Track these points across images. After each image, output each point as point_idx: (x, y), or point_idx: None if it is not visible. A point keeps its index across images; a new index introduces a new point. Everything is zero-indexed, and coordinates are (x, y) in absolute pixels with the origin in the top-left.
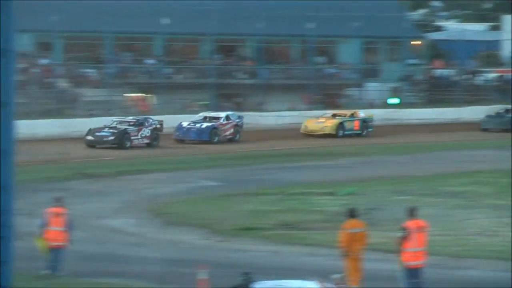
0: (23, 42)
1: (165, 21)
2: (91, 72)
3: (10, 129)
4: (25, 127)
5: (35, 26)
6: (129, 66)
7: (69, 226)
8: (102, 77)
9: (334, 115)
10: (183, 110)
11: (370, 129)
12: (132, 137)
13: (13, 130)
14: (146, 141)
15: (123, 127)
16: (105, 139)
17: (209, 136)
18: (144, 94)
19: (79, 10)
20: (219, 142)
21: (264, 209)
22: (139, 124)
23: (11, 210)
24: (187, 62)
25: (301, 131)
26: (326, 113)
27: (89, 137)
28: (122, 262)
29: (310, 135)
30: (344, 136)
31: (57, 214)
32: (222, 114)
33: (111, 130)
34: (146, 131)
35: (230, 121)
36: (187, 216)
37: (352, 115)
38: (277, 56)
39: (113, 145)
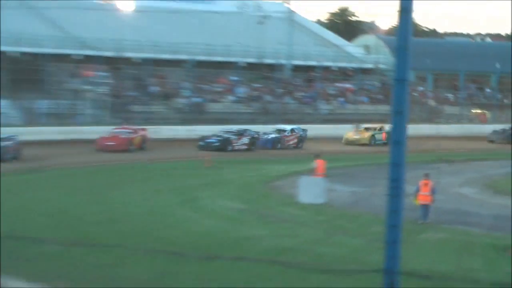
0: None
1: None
2: (450, 95)
3: (403, 131)
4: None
5: (416, 65)
6: (473, 93)
7: (433, 192)
8: (457, 99)
9: (366, 129)
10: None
11: None
12: (234, 143)
13: (405, 130)
14: (244, 147)
15: (226, 136)
16: (212, 144)
17: (272, 144)
18: (483, 111)
19: (443, 54)
20: (282, 148)
21: None
22: (240, 134)
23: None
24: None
25: (342, 141)
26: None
27: (200, 143)
28: (466, 215)
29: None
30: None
31: (425, 184)
32: (288, 128)
33: (217, 138)
34: (245, 140)
35: (295, 133)
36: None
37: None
38: None
39: (218, 149)
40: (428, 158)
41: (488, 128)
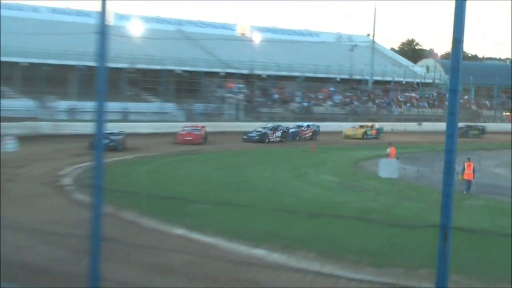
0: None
1: None
2: (487, 102)
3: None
4: None
5: (462, 80)
6: (504, 101)
7: (474, 171)
8: (492, 105)
9: (361, 126)
10: None
11: (381, 134)
12: (270, 137)
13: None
14: (278, 139)
15: (264, 131)
16: (252, 137)
17: (292, 137)
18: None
19: (482, 73)
20: (300, 140)
21: None
22: (274, 129)
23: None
24: None
25: (342, 136)
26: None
27: (244, 136)
28: (498, 188)
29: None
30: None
31: (469, 165)
32: (305, 124)
33: (257, 132)
34: (278, 133)
35: (310, 128)
36: None
37: (371, 126)
38: None
39: (258, 141)
40: (471, 147)
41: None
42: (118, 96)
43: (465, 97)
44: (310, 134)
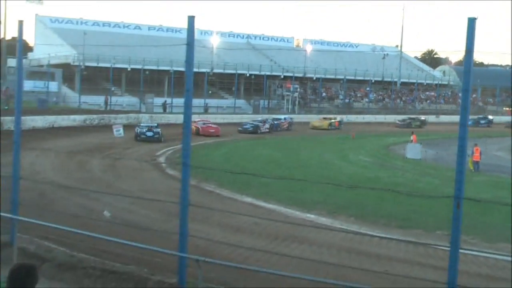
0: None
1: None
2: (491, 99)
3: (467, 118)
4: None
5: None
6: (504, 99)
7: (481, 154)
8: (495, 101)
9: (325, 118)
10: None
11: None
12: (261, 128)
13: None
14: (267, 130)
15: (256, 123)
16: (247, 129)
17: (275, 128)
18: (510, 108)
19: (487, 76)
20: (280, 130)
21: None
22: (263, 122)
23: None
24: None
25: (310, 126)
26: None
27: (239, 128)
28: (500, 167)
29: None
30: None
31: (476, 149)
32: (282, 117)
33: (251, 124)
34: (266, 125)
35: (286, 120)
36: None
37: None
38: None
39: (251, 132)
40: (478, 135)
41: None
42: (201, 94)
43: (473, 95)
44: (287, 125)
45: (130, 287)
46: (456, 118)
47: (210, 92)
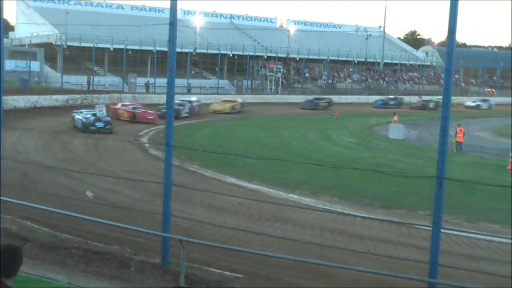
0: None
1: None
2: (473, 80)
3: (449, 99)
4: None
5: (454, 63)
6: (487, 80)
7: (464, 134)
8: (477, 82)
9: (226, 101)
10: None
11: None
12: (181, 113)
13: (450, 99)
14: (187, 115)
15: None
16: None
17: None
18: (492, 89)
19: (469, 57)
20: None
21: None
22: (182, 105)
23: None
24: None
25: (210, 110)
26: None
27: (158, 112)
28: (481, 148)
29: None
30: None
31: (460, 130)
32: (194, 98)
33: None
34: (186, 109)
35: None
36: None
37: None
38: None
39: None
40: (461, 115)
41: (495, 100)
42: (184, 74)
43: (456, 76)
44: (198, 109)
45: (113, 267)
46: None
47: (193, 72)
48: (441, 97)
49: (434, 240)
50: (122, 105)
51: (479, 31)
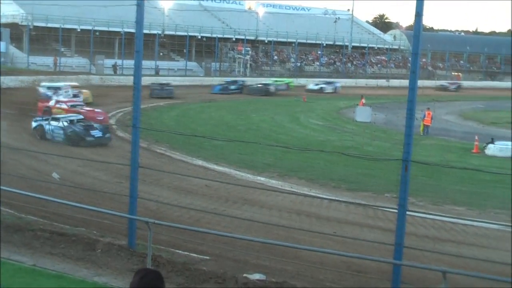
0: None
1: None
2: (440, 64)
3: (416, 82)
4: None
5: (421, 47)
6: (454, 63)
7: (432, 118)
8: (444, 66)
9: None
10: None
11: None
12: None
13: (417, 82)
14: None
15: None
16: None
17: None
18: (459, 73)
19: (437, 41)
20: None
21: None
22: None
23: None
24: None
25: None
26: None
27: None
28: (448, 131)
29: None
30: None
31: (429, 113)
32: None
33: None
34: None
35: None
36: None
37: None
38: None
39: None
40: (428, 99)
41: (462, 84)
42: (152, 56)
43: (423, 60)
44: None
45: (79, 249)
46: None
47: (161, 54)
48: (282, 80)
49: (399, 222)
50: (58, 102)
51: (447, 15)
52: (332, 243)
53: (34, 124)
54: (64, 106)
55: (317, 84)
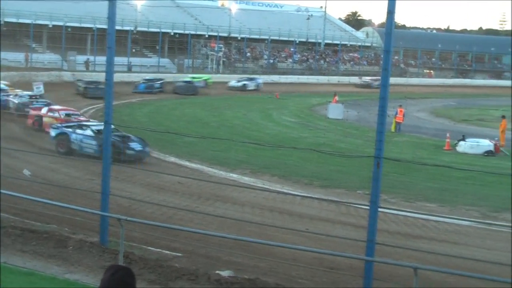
0: None
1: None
2: (412, 62)
3: (388, 78)
4: None
5: (394, 44)
6: (426, 61)
7: (404, 115)
8: (417, 64)
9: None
10: None
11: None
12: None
13: (389, 78)
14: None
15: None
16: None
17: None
18: (430, 71)
19: (409, 39)
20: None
21: None
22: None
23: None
24: None
25: None
26: None
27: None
28: (420, 128)
29: None
30: None
31: (401, 110)
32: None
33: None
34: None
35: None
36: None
37: None
38: None
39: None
40: (400, 96)
41: (433, 81)
42: (124, 52)
43: (396, 57)
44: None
45: (51, 246)
46: (378, 79)
47: (133, 50)
48: (200, 76)
49: (371, 219)
50: (50, 110)
51: (419, 13)
52: (305, 240)
53: (53, 132)
54: (57, 115)
55: (239, 81)
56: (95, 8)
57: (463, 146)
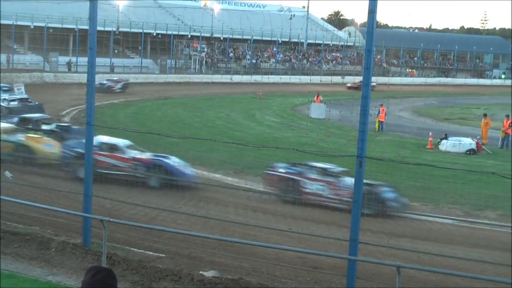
0: None
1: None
2: (395, 61)
3: (370, 78)
4: None
5: (376, 43)
6: (408, 60)
7: (386, 114)
8: (399, 63)
9: None
10: None
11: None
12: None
13: (371, 78)
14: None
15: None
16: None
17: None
18: (413, 70)
19: (391, 38)
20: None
21: None
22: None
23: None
24: None
25: None
26: None
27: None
28: (402, 127)
29: None
30: None
31: (383, 110)
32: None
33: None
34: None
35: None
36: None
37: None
38: None
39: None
40: (382, 95)
41: (415, 80)
42: (106, 53)
43: (378, 57)
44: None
45: (33, 248)
46: (360, 78)
47: (116, 51)
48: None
49: (354, 218)
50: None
51: (401, 12)
52: (288, 240)
53: None
54: None
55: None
56: (76, 8)
57: (446, 145)
